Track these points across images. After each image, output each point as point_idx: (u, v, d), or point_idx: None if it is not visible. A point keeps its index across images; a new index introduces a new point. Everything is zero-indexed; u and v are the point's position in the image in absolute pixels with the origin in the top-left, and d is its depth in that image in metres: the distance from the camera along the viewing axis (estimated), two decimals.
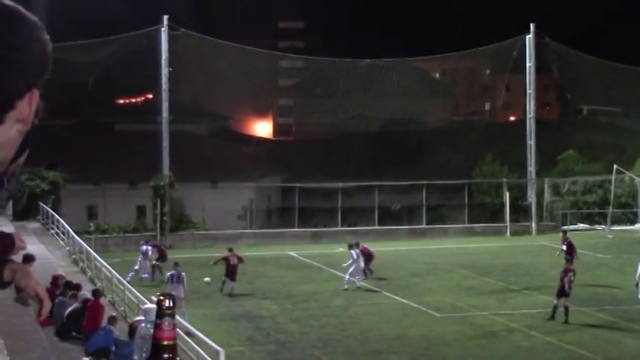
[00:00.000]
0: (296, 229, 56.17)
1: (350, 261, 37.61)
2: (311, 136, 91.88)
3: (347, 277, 37.26)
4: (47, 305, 2.66)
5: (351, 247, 38.95)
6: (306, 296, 35.37)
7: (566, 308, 29.88)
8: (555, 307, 30.03)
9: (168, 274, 31.48)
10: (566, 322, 29.47)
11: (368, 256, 39.95)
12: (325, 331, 28.92)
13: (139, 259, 38.75)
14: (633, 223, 60.31)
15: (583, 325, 29.57)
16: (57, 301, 23.60)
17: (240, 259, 36.73)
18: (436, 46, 71.63)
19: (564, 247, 38.68)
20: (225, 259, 36.49)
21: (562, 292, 30.13)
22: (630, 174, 61.87)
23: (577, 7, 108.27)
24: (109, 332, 21.09)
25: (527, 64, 60.48)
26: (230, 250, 37.62)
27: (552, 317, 29.89)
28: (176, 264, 32.23)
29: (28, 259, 23.67)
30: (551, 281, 37.40)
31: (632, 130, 75.49)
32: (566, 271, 30.69)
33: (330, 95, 69.29)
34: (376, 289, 36.89)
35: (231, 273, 36.08)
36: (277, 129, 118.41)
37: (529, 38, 60.08)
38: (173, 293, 24.64)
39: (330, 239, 52.75)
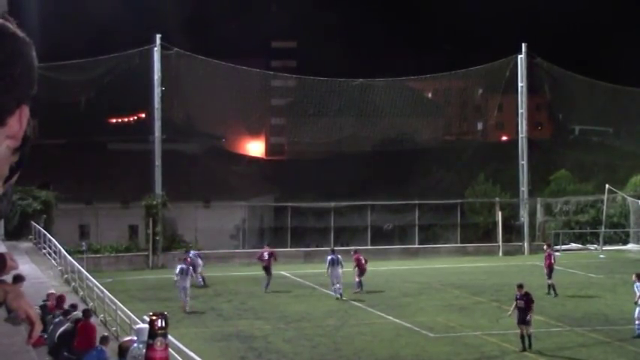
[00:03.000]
0: (288, 249, 56.03)
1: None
2: (303, 156, 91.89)
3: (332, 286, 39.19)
4: (38, 328, 2.64)
5: (333, 251, 41.43)
6: (298, 316, 35.29)
7: (528, 336, 28.60)
8: (522, 337, 28.54)
9: (179, 266, 37.95)
10: (524, 349, 28.20)
11: (361, 268, 41.23)
12: (318, 351, 28.82)
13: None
14: (625, 242, 60.36)
15: (575, 346, 29.52)
16: (56, 320, 23.53)
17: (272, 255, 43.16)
18: (428, 66, 71.80)
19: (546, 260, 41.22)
20: (260, 257, 43.17)
21: (519, 320, 28.79)
22: (622, 194, 61.95)
23: (569, 28, 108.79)
24: (102, 352, 21.00)
25: (519, 84, 60.62)
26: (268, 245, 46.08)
27: (528, 347, 28.33)
28: (185, 259, 39.35)
29: (18, 279, 23.64)
30: (543, 301, 37.43)
31: (623, 150, 75.65)
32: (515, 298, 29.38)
33: (323, 115, 69.27)
34: (369, 309, 36.82)
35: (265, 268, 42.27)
36: (270, 148, 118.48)
37: (521, 58, 60.24)
38: (183, 285, 32.68)
39: (322, 259, 52.32)
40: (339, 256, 40.16)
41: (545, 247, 44.47)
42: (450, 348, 29.35)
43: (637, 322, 30.26)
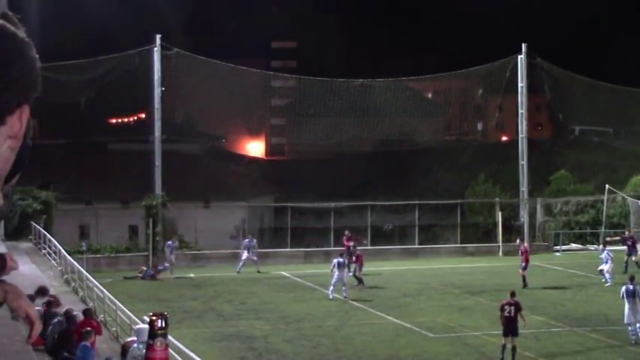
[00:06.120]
0: (288, 249, 56.01)
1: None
2: (303, 156, 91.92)
3: (331, 287, 39.05)
4: (37, 327, 2.64)
5: (341, 255, 41.09)
6: (298, 316, 35.29)
7: (514, 349, 27.13)
8: (504, 347, 27.23)
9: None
10: None
11: (359, 262, 42.91)
12: (318, 352, 28.82)
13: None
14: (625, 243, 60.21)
15: (576, 346, 29.53)
16: (55, 320, 23.54)
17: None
18: (429, 66, 71.77)
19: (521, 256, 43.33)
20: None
21: (506, 330, 27.46)
22: (622, 194, 61.90)
23: (569, 28, 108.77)
24: (85, 348, 20.98)
25: (519, 85, 60.61)
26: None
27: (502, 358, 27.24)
28: None
29: (42, 292, 23.87)
30: (543, 301, 37.47)
31: (623, 150, 75.64)
32: (502, 307, 28.08)
33: (323, 115, 69.21)
34: (369, 309, 36.83)
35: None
36: (270, 149, 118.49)
37: (521, 58, 60.23)
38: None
39: (322, 259, 52.57)
40: (346, 260, 40.54)
41: (518, 241, 48.68)
42: (449, 348, 29.35)
43: (638, 325, 30.08)
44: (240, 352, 28.60)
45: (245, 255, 48.57)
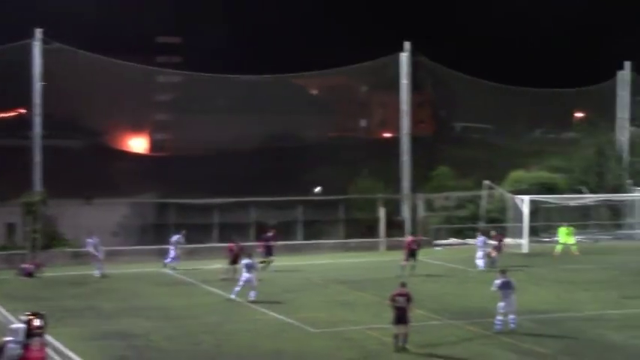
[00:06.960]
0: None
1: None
2: (188, 152, 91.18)
3: (237, 288, 37.90)
4: None
5: (250, 255, 39.55)
6: (180, 313, 35.14)
7: (406, 335, 27.92)
8: (396, 337, 27.97)
9: None
10: (403, 348, 27.73)
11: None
12: (200, 348, 28.72)
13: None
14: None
15: (454, 339, 30.13)
16: None
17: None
18: (315, 63, 72.04)
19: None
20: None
21: (398, 320, 27.98)
22: (500, 189, 63.40)
23: (455, 27, 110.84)
24: None
25: (402, 82, 61.55)
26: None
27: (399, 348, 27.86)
28: None
29: None
30: (422, 295, 38.07)
31: (502, 147, 77.39)
32: (393, 298, 28.46)
33: (208, 111, 68.99)
34: (251, 305, 36.86)
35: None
36: (153, 145, 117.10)
37: (404, 56, 61.16)
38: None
39: (205, 255, 52.52)
40: (256, 262, 40.00)
41: (406, 235, 52.18)
42: (331, 343, 29.59)
43: (512, 317, 31.10)
44: (121, 351, 28.27)
45: (173, 252, 49.51)
